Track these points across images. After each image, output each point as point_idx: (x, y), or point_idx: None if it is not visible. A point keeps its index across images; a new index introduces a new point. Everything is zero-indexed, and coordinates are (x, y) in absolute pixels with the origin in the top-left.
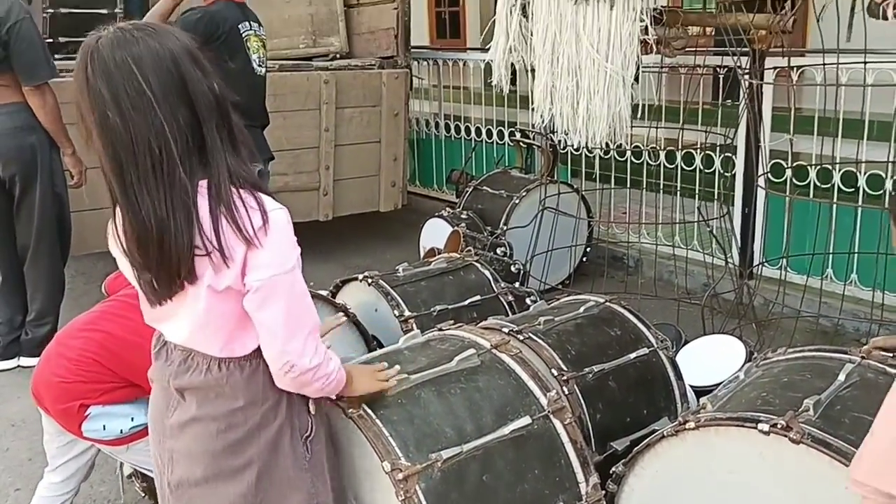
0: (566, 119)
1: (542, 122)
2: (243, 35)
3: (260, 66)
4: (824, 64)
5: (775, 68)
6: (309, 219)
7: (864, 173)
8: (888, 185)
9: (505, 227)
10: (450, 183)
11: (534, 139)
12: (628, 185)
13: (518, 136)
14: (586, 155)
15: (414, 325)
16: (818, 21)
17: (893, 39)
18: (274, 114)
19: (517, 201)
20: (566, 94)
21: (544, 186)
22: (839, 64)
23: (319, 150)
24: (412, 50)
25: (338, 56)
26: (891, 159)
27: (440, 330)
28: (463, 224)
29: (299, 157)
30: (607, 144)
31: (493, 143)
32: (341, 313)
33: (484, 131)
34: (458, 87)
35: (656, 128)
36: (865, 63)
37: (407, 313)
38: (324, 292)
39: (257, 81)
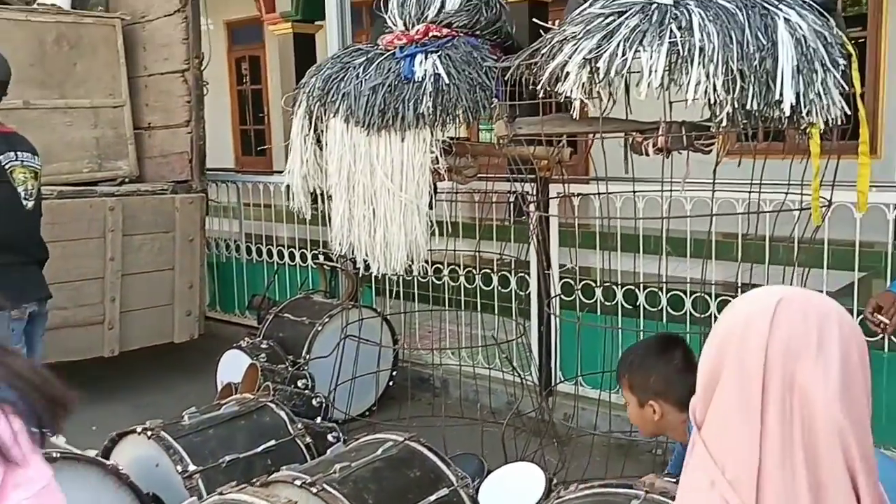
0: (364, 246)
1: (341, 249)
2: (6, 166)
3: (27, 198)
4: (598, 193)
5: (559, 194)
6: (92, 355)
7: (667, 293)
8: (688, 304)
9: (307, 357)
10: (251, 309)
11: (337, 261)
12: (431, 306)
13: (322, 258)
14: (389, 276)
15: (199, 481)
16: (599, 155)
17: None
18: (52, 244)
19: (320, 328)
20: (363, 222)
21: (346, 312)
22: (609, 192)
23: (104, 280)
24: (212, 171)
25: (126, 180)
26: (665, 279)
27: (220, 495)
28: (263, 355)
29: (80, 289)
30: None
31: (296, 265)
32: None
33: (287, 253)
34: (260, 204)
35: (454, 251)
36: (634, 191)
37: (192, 468)
38: (92, 452)
39: (26, 215)
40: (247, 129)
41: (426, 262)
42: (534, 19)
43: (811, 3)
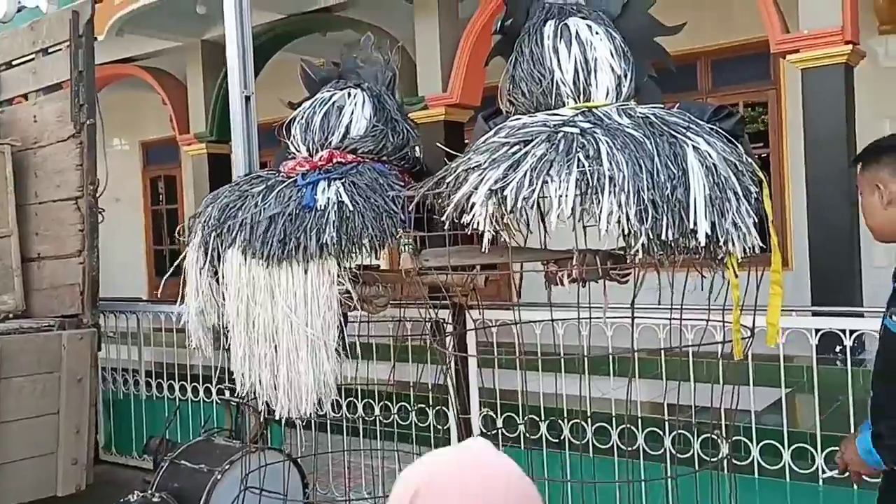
0: (267, 387)
1: (243, 390)
2: None
3: None
4: (517, 322)
5: (475, 320)
6: None
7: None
8: (615, 436)
9: None
10: (147, 452)
11: (242, 397)
12: (346, 437)
13: (227, 393)
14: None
15: None
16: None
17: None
18: None
19: (219, 477)
20: (264, 360)
21: (248, 457)
22: (525, 322)
23: None
24: (109, 301)
25: (10, 316)
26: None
27: None
28: None
29: None
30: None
31: (199, 401)
32: None
33: (189, 388)
34: (162, 329)
35: (376, 384)
36: (553, 319)
37: None
38: None
39: None
40: (161, 249)
41: (337, 396)
42: (439, 144)
43: (718, 129)
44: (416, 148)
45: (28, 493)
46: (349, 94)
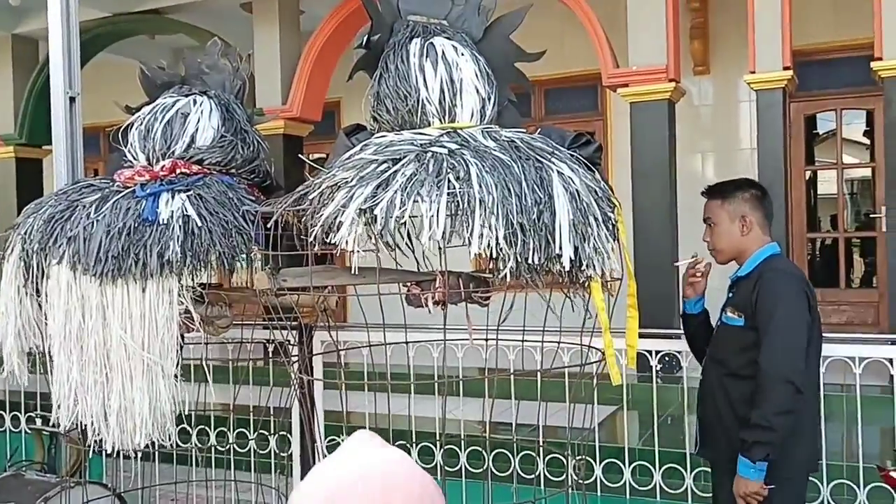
0: (96, 416)
1: (67, 422)
2: None
3: None
4: (369, 344)
5: (323, 342)
6: None
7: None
8: (463, 458)
9: None
10: None
11: (58, 425)
12: (175, 467)
13: (38, 421)
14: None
15: None
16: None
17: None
18: None
19: None
20: (94, 388)
21: (67, 493)
22: (378, 343)
23: None
24: None
25: None
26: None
27: None
28: None
29: None
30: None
31: (6, 430)
32: None
33: None
34: None
35: (215, 413)
36: (406, 342)
37: None
38: None
39: None
40: None
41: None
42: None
43: (578, 156)
44: (267, 162)
45: None
46: (195, 101)
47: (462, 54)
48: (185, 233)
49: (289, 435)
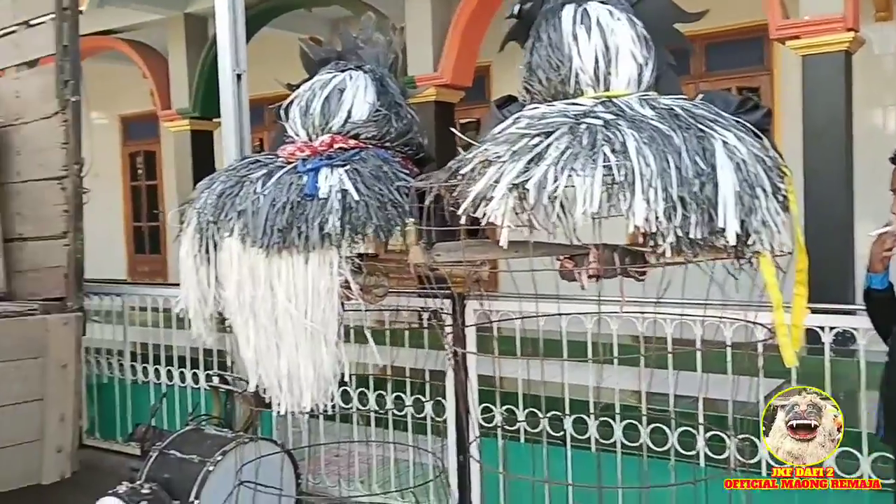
0: (270, 380)
1: (249, 383)
2: None
3: None
4: (521, 316)
5: (475, 310)
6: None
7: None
8: (618, 432)
9: (196, 503)
10: (134, 440)
11: (234, 384)
12: (338, 424)
13: (216, 379)
14: None
15: None
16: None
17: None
18: None
19: (211, 468)
20: (267, 354)
21: (241, 448)
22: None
23: None
24: (95, 283)
25: None
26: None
27: None
28: (144, 503)
29: None
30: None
31: (187, 386)
32: None
33: (177, 373)
34: (147, 308)
35: (374, 375)
36: (560, 314)
37: None
38: None
39: None
40: (140, 226)
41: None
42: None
43: (745, 123)
44: (420, 135)
45: (11, 481)
46: (351, 77)
47: (618, 19)
48: (343, 207)
49: (443, 400)
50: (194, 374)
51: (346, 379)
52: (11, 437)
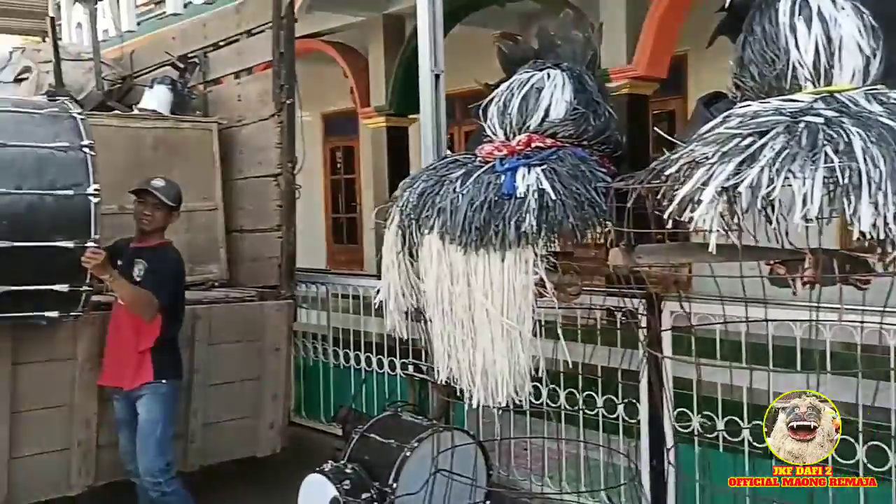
0: (464, 374)
1: (444, 376)
2: None
3: None
4: (724, 321)
5: (672, 312)
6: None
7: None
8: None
9: (394, 486)
10: (337, 421)
11: (428, 373)
12: (528, 420)
13: (411, 368)
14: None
15: None
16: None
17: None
18: None
19: (408, 454)
20: (462, 348)
21: (437, 437)
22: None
23: (191, 392)
24: (303, 272)
25: (216, 285)
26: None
27: None
28: (347, 482)
29: None
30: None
31: (384, 373)
32: None
33: (375, 360)
34: (349, 296)
35: (565, 373)
36: (767, 320)
37: None
38: None
39: None
40: (339, 218)
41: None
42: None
43: None
44: (618, 132)
45: (230, 452)
46: (548, 75)
47: (842, 8)
48: (539, 206)
49: (635, 401)
50: (391, 361)
51: (539, 375)
52: (231, 411)
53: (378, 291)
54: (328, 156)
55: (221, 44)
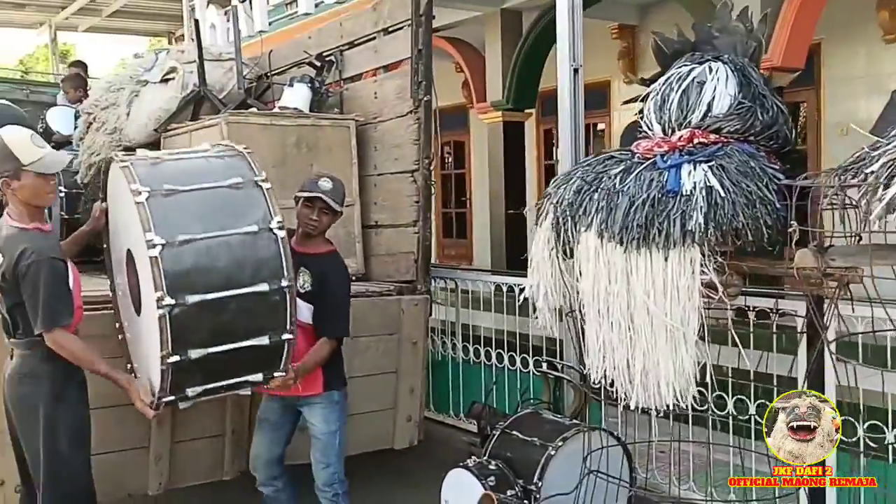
0: (622, 376)
1: (596, 375)
2: None
3: None
4: None
5: (837, 315)
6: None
7: None
8: None
9: (539, 484)
10: (471, 416)
11: (562, 370)
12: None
13: (545, 366)
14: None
15: None
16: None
17: None
18: None
19: (553, 452)
20: (620, 348)
21: (587, 437)
22: None
23: None
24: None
25: (353, 278)
26: None
27: None
28: (491, 478)
29: None
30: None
31: (516, 370)
32: None
33: (507, 357)
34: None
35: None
36: None
37: None
38: None
39: None
40: (448, 212)
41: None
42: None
43: None
44: (787, 127)
45: (369, 443)
46: (710, 68)
47: None
48: (708, 204)
49: None
50: (523, 358)
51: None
52: (370, 404)
53: (522, 288)
54: (439, 151)
55: (357, 42)
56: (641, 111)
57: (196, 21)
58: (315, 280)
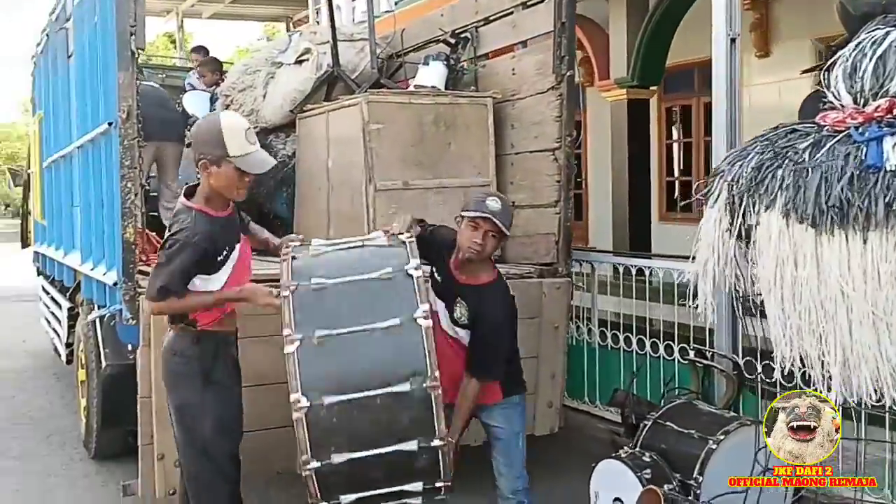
0: (815, 364)
1: (784, 364)
2: None
3: None
4: None
5: None
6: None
7: None
8: None
9: (700, 479)
10: (614, 404)
11: (712, 359)
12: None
13: (692, 353)
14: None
15: None
16: None
17: None
18: None
19: (714, 447)
20: (810, 336)
21: (756, 431)
22: None
23: None
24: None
25: None
26: None
27: None
28: (647, 470)
29: None
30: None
31: (659, 357)
32: None
33: (648, 343)
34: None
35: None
36: None
37: None
38: None
39: None
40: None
41: None
42: None
43: None
44: None
45: None
46: None
47: None
48: None
49: None
50: (667, 345)
51: None
52: None
53: (680, 273)
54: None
55: (493, 18)
56: (819, 82)
57: (330, 2)
58: (470, 314)
